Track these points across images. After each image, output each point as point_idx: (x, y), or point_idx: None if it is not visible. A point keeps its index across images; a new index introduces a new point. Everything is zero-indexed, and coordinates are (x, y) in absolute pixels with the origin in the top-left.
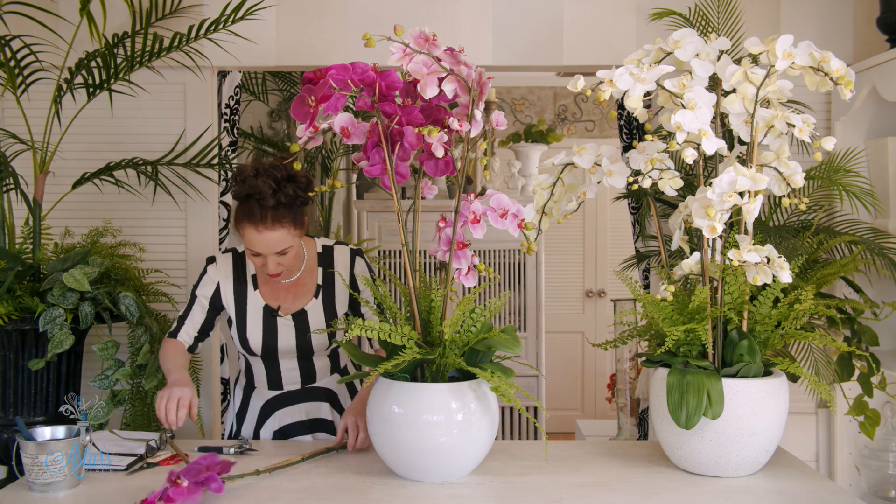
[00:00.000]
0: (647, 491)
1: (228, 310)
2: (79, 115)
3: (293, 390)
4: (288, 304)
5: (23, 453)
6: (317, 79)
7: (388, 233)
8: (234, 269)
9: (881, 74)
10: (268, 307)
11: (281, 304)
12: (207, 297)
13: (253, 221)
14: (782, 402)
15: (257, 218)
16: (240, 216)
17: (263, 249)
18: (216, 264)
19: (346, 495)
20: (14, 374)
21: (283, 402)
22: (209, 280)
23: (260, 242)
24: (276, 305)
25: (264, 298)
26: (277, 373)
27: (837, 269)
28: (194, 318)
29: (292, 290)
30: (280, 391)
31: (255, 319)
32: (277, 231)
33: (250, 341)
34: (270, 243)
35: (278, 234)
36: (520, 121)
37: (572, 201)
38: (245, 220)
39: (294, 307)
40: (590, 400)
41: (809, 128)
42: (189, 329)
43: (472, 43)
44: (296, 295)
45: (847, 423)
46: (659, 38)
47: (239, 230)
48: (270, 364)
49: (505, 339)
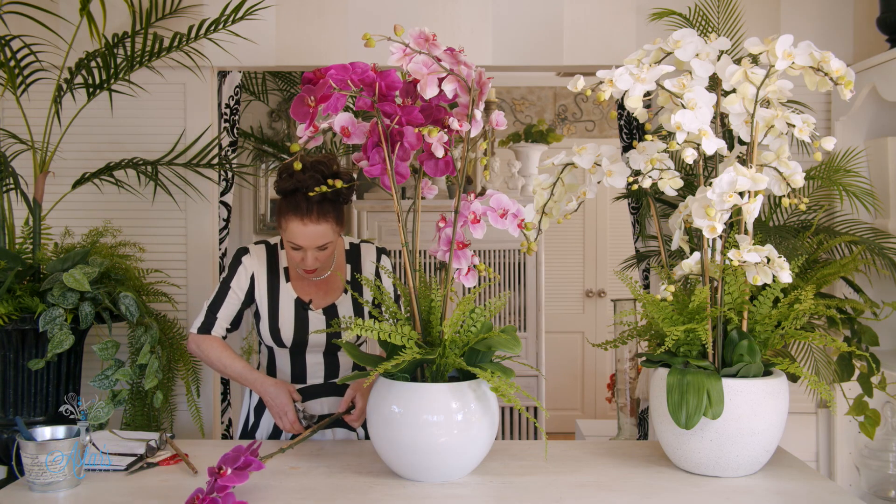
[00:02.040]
0: (647, 491)
1: (260, 301)
2: (79, 115)
3: (316, 384)
4: (319, 299)
5: (23, 453)
6: (317, 79)
7: (388, 233)
8: (269, 260)
9: (881, 74)
10: (300, 300)
11: (312, 299)
12: (243, 289)
13: (299, 214)
14: (782, 402)
15: (303, 211)
16: (285, 210)
17: (306, 243)
18: (251, 255)
19: (346, 495)
20: (14, 374)
21: (305, 395)
22: (244, 271)
23: (304, 236)
24: (307, 299)
25: (296, 291)
26: (303, 366)
27: (837, 269)
28: (227, 311)
29: (322, 287)
30: (303, 384)
31: (286, 312)
32: (322, 225)
33: (282, 333)
34: (314, 237)
35: (322, 228)
36: (520, 121)
37: (572, 201)
38: (291, 213)
39: (325, 302)
40: (590, 400)
41: (809, 128)
42: (223, 322)
43: (472, 43)
44: (326, 291)
45: (847, 423)
46: (659, 38)
47: (283, 224)
48: (297, 358)
49: (505, 339)
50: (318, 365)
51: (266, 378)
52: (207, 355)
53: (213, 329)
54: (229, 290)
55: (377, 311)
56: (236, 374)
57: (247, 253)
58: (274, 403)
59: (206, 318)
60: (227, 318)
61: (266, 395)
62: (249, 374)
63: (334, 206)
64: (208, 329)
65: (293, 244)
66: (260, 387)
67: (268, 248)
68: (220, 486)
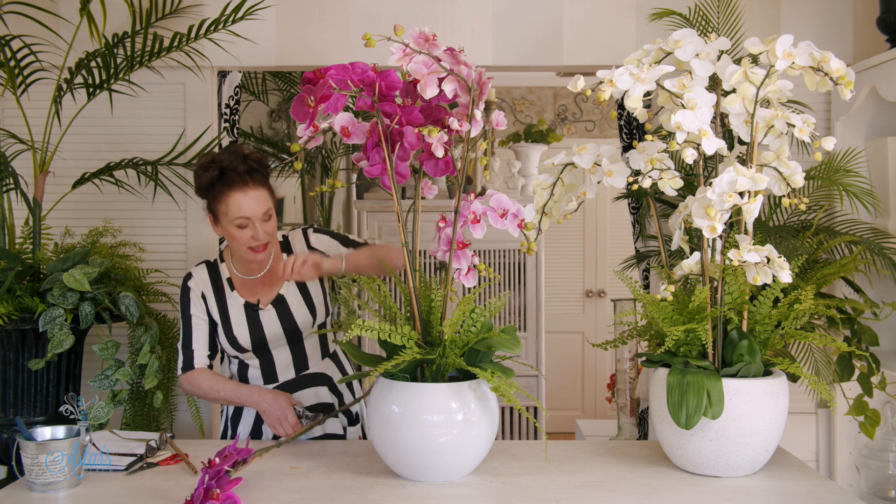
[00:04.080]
0: (647, 491)
1: (214, 316)
2: (79, 115)
3: (288, 381)
4: (265, 295)
5: (23, 453)
6: (316, 79)
7: (388, 233)
8: (211, 277)
9: (881, 74)
10: (248, 304)
11: (259, 298)
12: (203, 310)
13: (238, 185)
14: (782, 402)
15: (241, 181)
16: (220, 191)
17: (252, 210)
18: (193, 277)
19: (346, 495)
20: (14, 374)
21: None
22: (195, 296)
23: (248, 202)
24: (255, 300)
25: (242, 297)
26: (271, 364)
27: (837, 269)
28: (200, 339)
29: (266, 282)
30: (275, 383)
31: (238, 318)
32: (259, 190)
33: (238, 338)
34: (258, 201)
35: (262, 192)
36: (520, 121)
37: (572, 201)
38: (228, 188)
39: (271, 296)
40: (590, 400)
41: (809, 128)
42: (200, 352)
43: (472, 43)
44: (270, 285)
45: (847, 423)
46: (659, 38)
47: (221, 207)
48: (263, 357)
49: (505, 339)
50: (287, 359)
51: (261, 390)
52: (200, 387)
53: (194, 363)
54: (192, 318)
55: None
56: (231, 396)
57: (190, 277)
58: (271, 411)
59: (184, 355)
60: (203, 347)
61: (262, 405)
62: (242, 390)
63: (262, 175)
64: (190, 364)
65: (239, 219)
66: (257, 399)
67: (208, 265)
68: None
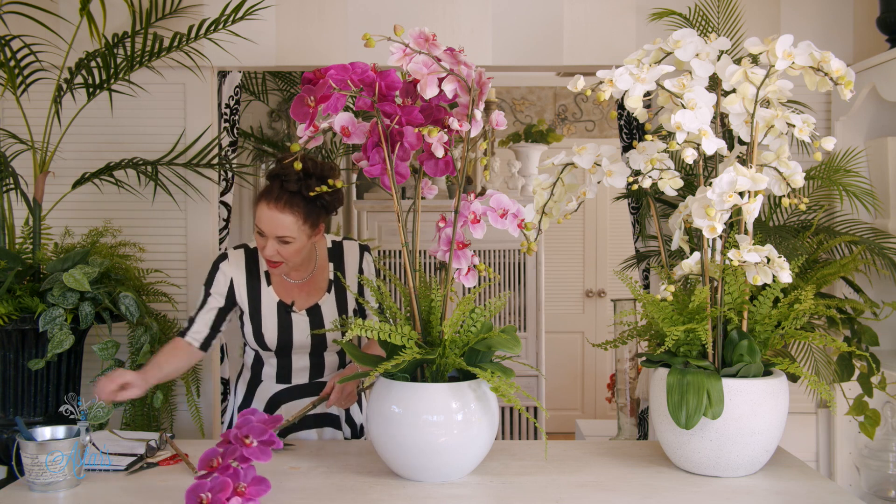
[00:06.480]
0: (647, 491)
1: (242, 305)
2: (79, 115)
3: (301, 384)
4: (301, 300)
5: (23, 453)
6: (316, 79)
7: (388, 233)
8: (247, 264)
9: (881, 74)
10: (282, 303)
11: (294, 300)
12: (222, 294)
13: (268, 198)
14: (782, 402)
15: (273, 196)
16: (261, 193)
17: (267, 228)
18: (228, 260)
19: (346, 495)
20: (14, 374)
21: (290, 395)
22: (222, 276)
23: (266, 220)
24: (289, 301)
25: (278, 294)
26: (288, 367)
27: (837, 269)
28: (206, 316)
29: (305, 289)
30: (288, 385)
31: (269, 315)
32: (286, 215)
33: (266, 336)
34: (275, 224)
35: (286, 218)
36: (520, 121)
37: (572, 201)
38: (263, 196)
39: (308, 303)
40: (590, 400)
41: (809, 128)
42: (200, 327)
43: (472, 43)
44: (308, 293)
45: (847, 423)
46: (659, 38)
47: (255, 208)
48: (283, 359)
49: (505, 339)
50: (304, 366)
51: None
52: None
53: (185, 335)
54: (209, 295)
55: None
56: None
57: (224, 259)
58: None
59: (188, 324)
60: (206, 324)
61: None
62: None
63: (306, 204)
64: (182, 334)
65: (258, 228)
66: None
67: (247, 252)
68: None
